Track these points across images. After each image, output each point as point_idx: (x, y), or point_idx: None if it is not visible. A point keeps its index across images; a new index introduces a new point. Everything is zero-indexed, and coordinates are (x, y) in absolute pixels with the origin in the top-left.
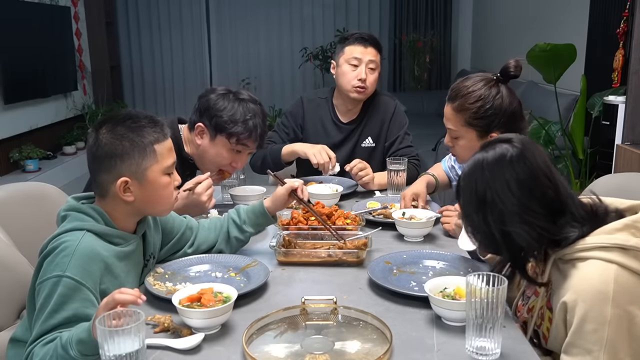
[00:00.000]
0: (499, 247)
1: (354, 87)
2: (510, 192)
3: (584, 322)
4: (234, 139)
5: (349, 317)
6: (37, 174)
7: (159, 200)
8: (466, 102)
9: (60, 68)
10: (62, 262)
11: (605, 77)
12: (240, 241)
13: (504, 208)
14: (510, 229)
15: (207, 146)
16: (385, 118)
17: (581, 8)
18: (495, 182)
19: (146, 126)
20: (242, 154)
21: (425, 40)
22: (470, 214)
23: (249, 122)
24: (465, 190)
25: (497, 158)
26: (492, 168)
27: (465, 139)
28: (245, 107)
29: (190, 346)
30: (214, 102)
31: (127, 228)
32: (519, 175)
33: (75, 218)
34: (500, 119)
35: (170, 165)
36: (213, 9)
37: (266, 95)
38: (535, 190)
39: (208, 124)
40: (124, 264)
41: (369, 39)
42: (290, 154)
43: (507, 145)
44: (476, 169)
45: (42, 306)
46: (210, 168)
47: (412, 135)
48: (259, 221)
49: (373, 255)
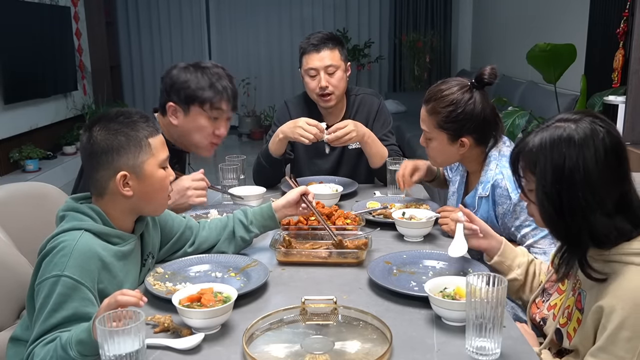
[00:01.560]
0: (570, 225)
1: (319, 96)
2: (597, 168)
3: (620, 329)
4: (207, 105)
5: (349, 317)
6: (37, 174)
7: (156, 195)
8: (439, 105)
9: (60, 68)
10: (60, 262)
11: (605, 77)
12: (245, 241)
13: (592, 193)
14: (594, 217)
15: (185, 122)
16: (369, 117)
17: (581, 8)
18: (585, 155)
19: (139, 121)
20: (221, 119)
21: (425, 40)
22: (549, 193)
23: (217, 85)
24: (547, 165)
25: (587, 133)
26: (583, 141)
27: (437, 141)
28: (209, 72)
29: (190, 346)
30: (177, 77)
31: (125, 227)
32: (609, 154)
33: (73, 218)
34: (472, 124)
35: (164, 159)
36: (213, 9)
37: (266, 95)
38: (618, 168)
39: (178, 100)
40: (123, 263)
41: (319, 42)
42: (277, 143)
43: (594, 120)
44: (562, 141)
45: (41, 306)
46: (198, 143)
47: (412, 136)
48: (266, 223)
49: (373, 255)
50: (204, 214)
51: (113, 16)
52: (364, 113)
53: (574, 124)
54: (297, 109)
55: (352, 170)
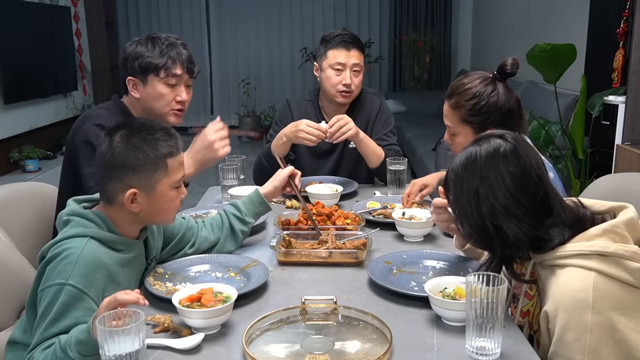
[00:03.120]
0: (488, 239)
1: (339, 92)
2: (504, 185)
3: (565, 332)
4: (162, 72)
5: (349, 317)
6: (37, 174)
7: (164, 213)
8: (462, 99)
9: (60, 68)
10: (65, 270)
11: (605, 77)
12: (245, 233)
13: (496, 201)
14: (501, 223)
15: (145, 93)
16: (370, 117)
17: (581, 8)
18: (489, 175)
19: (161, 139)
20: (179, 85)
21: (425, 40)
22: (461, 205)
23: (169, 51)
24: (457, 182)
25: (490, 152)
26: (486, 161)
27: (462, 136)
28: (159, 40)
29: (190, 346)
30: (130, 51)
31: (130, 234)
32: (512, 170)
33: (78, 224)
34: (496, 116)
35: (179, 179)
36: (213, 9)
37: (266, 95)
38: (526, 186)
39: (135, 73)
40: (127, 270)
41: (351, 41)
42: (280, 146)
43: (500, 140)
44: (469, 162)
45: (43, 313)
46: (161, 112)
47: (412, 136)
48: (258, 210)
49: (373, 255)
50: (204, 213)
51: (113, 16)
52: (365, 112)
53: (483, 141)
54: (299, 108)
55: (352, 170)
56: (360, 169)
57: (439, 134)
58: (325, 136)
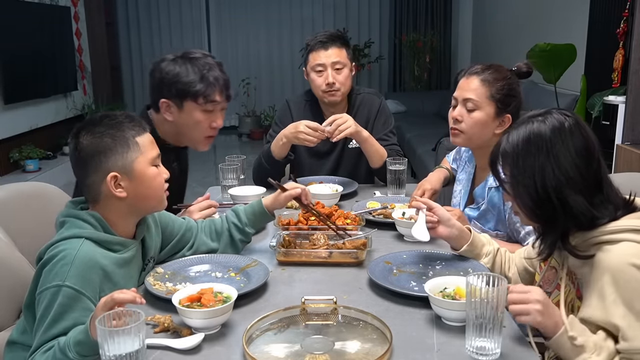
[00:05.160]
0: (552, 213)
1: (324, 92)
2: (570, 158)
3: (609, 294)
4: (200, 98)
5: (349, 317)
6: (37, 174)
7: (150, 193)
8: (498, 74)
9: (60, 68)
10: (61, 271)
11: (605, 77)
12: (244, 242)
13: (562, 175)
14: (567, 195)
15: (180, 118)
16: (370, 116)
17: (581, 8)
18: (555, 148)
19: (124, 122)
20: (216, 111)
21: (425, 40)
22: (522, 179)
23: (208, 76)
24: (518, 157)
25: (557, 126)
26: (552, 135)
27: (483, 112)
28: (198, 63)
29: (190, 346)
30: (166, 72)
31: (126, 233)
32: (578, 144)
33: (73, 225)
34: (516, 104)
35: (155, 156)
36: (213, 8)
37: (266, 95)
38: (589, 161)
39: (170, 96)
40: (124, 270)
41: (327, 39)
42: (280, 147)
43: (562, 116)
44: (532, 137)
45: (42, 316)
46: (195, 139)
47: (412, 136)
48: (260, 221)
49: (373, 255)
50: None
51: (113, 16)
52: (365, 112)
53: (542, 118)
54: (299, 108)
55: (352, 170)
56: (360, 169)
57: (439, 134)
58: (325, 136)
